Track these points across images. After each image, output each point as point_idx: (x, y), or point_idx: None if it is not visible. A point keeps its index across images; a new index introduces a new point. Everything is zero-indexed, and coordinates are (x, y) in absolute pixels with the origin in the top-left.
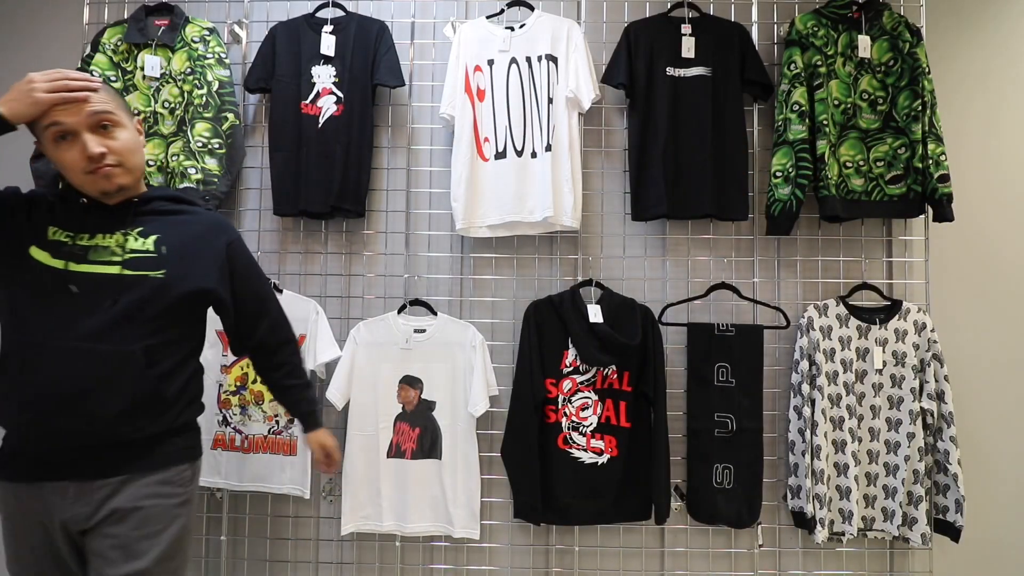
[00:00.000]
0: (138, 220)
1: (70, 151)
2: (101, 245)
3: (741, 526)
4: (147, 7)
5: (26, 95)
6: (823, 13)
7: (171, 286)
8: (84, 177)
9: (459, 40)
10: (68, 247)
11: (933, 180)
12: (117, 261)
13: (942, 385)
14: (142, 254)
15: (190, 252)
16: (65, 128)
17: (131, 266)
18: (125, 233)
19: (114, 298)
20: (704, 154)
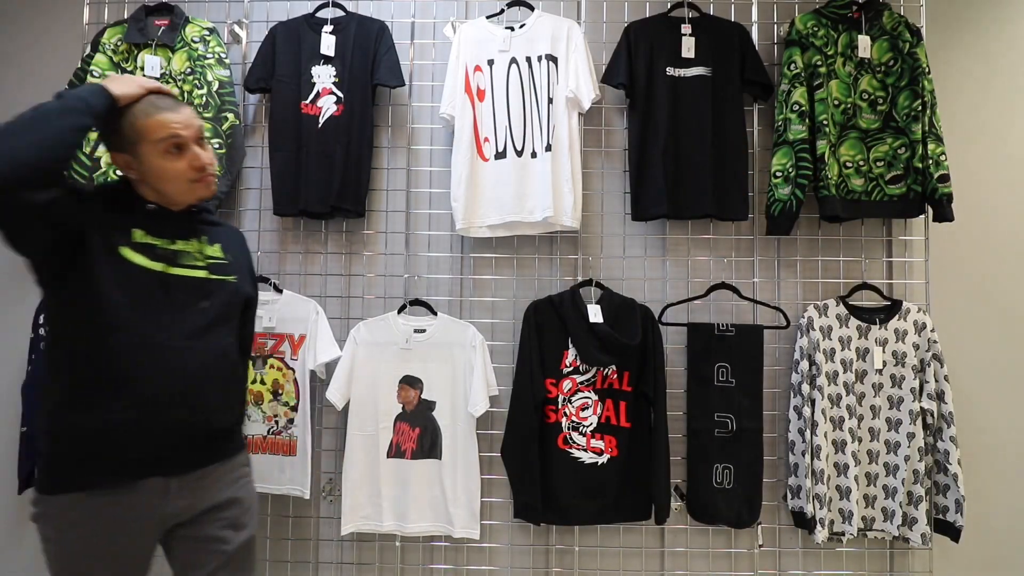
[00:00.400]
0: (199, 228)
1: (179, 161)
2: (185, 250)
3: (741, 526)
4: (147, 7)
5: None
6: (823, 13)
7: (239, 291)
8: (187, 185)
9: (459, 40)
10: (160, 251)
11: (933, 180)
12: (202, 266)
13: (942, 385)
14: (218, 260)
15: (240, 259)
16: (182, 140)
17: (213, 271)
18: (199, 240)
19: (205, 300)
20: (704, 154)
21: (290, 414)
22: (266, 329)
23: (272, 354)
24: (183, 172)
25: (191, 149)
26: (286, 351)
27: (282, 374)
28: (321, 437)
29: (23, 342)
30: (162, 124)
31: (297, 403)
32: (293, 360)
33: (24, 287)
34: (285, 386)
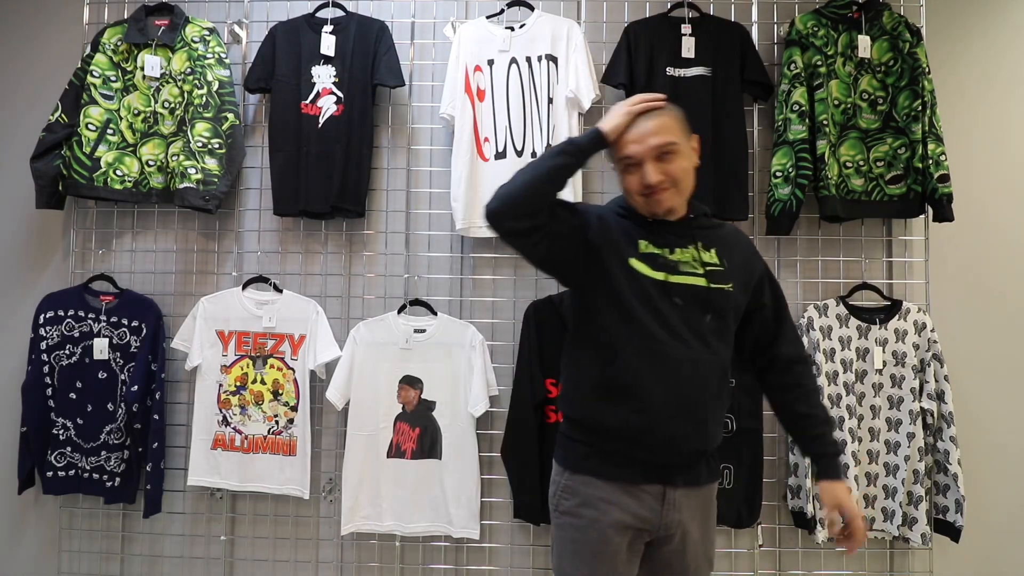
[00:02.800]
0: (697, 234)
1: (633, 176)
2: (683, 259)
3: (741, 526)
4: (147, 7)
5: (616, 113)
6: (823, 13)
7: (736, 297)
8: (638, 199)
9: (459, 40)
10: (662, 260)
11: (933, 180)
12: (700, 273)
13: (942, 385)
14: (715, 267)
15: (740, 264)
16: (633, 161)
17: (711, 279)
18: (695, 247)
19: (705, 309)
20: (704, 154)
21: (290, 414)
22: (266, 329)
23: (272, 354)
24: (635, 186)
25: (644, 167)
26: (286, 351)
27: (282, 374)
28: (321, 437)
29: (23, 342)
30: (622, 143)
31: (297, 403)
32: (293, 360)
33: (24, 287)
34: (285, 386)
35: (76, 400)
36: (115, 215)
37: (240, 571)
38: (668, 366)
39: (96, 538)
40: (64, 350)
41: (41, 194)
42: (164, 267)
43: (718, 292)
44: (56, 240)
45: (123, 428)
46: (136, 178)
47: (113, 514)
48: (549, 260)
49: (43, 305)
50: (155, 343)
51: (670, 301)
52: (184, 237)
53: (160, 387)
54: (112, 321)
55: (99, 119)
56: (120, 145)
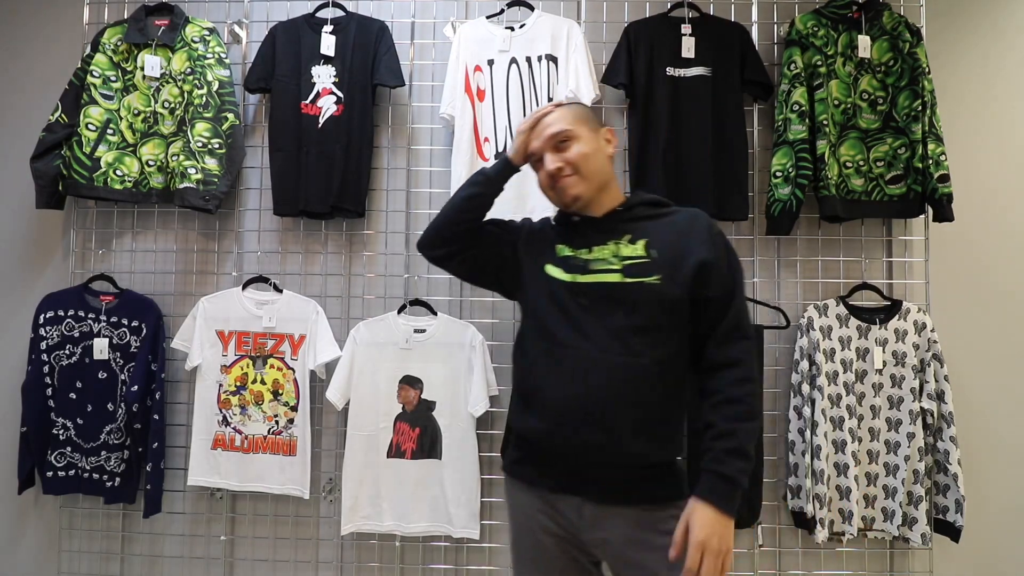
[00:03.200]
0: (625, 227)
1: (540, 173)
2: (598, 257)
3: (741, 526)
4: (147, 7)
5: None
6: (823, 13)
7: (666, 290)
8: (550, 193)
9: (459, 40)
10: (575, 261)
11: (933, 180)
12: (616, 269)
13: (942, 385)
14: (637, 260)
15: (679, 251)
16: (537, 157)
17: (629, 273)
18: (616, 241)
19: (618, 306)
20: (704, 154)
21: (290, 414)
22: (266, 329)
23: (272, 354)
24: (543, 181)
25: (545, 158)
26: (286, 351)
27: (282, 374)
28: (321, 437)
29: (23, 342)
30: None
31: (297, 403)
32: (293, 360)
33: (24, 287)
34: (285, 386)
35: (76, 400)
36: (115, 215)
37: (240, 571)
38: (573, 370)
39: (96, 538)
40: (64, 350)
41: (41, 194)
42: (164, 267)
43: (637, 287)
44: (56, 240)
45: (123, 428)
46: (136, 178)
47: (113, 514)
48: (474, 278)
49: (43, 305)
50: (155, 343)
51: (577, 303)
52: (184, 237)
53: (160, 387)
54: (112, 321)
55: (99, 119)
56: (120, 145)
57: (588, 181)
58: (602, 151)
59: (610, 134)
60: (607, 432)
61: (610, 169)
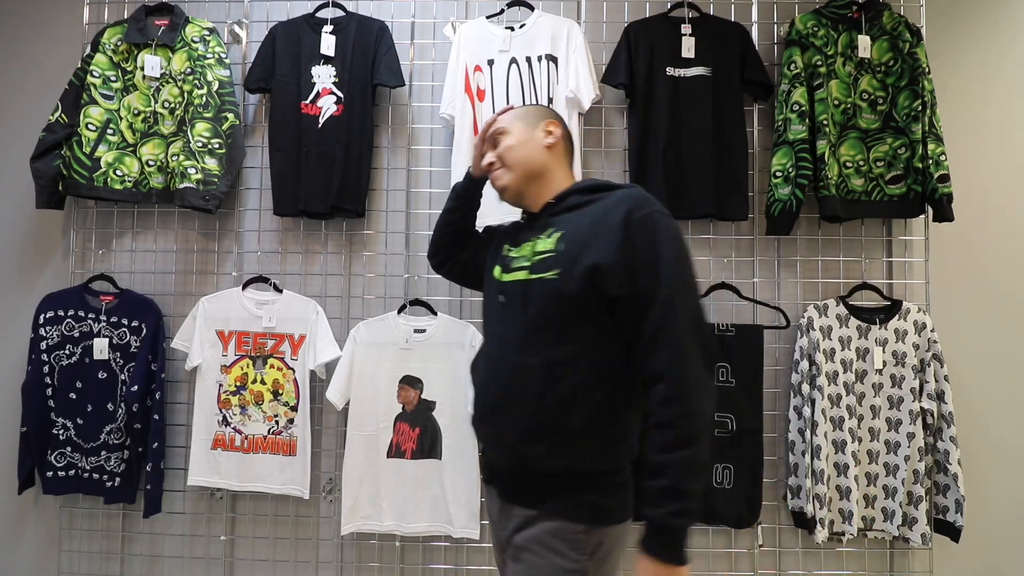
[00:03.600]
0: (551, 220)
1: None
2: (520, 255)
3: (741, 526)
4: (147, 7)
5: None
6: (823, 13)
7: (563, 286)
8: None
9: (459, 40)
10: (506, 259)
11: (933, 180)
12: (526, 266)
13: (942, 385)
14: (546, 254)
15: (585, 242)
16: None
17: (535, 269)
18: (538, 237)
19: (525, 305)
20: (704, 154)
21: (290, 414)
22: (266, 329)
23: (272, 354)
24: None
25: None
26: (286, 351)
27: (282, 374)
28: (321, 437)
29: (23, 342)
30: None
31: (297, 403)
32: (293, 360)
33: (24, 287)
34: (285, 386)
35: (76, 400)
36: (115, 215)
37: (240, 571)
38: (486, 369)
39: (96, 538)
40: (64, 350)
41: (41, 194)
42: (164, 267)
43: (537, 283)
44: (56, 240)
45: (123, 428)
46: (136, 178)
47: (113, 514)
48: (464, 282)
49: (43, 305)
50: (155, 343)
51: (498, 301)
52: (184, 237)
53: (160, 387)
54: (112, 321)
55: (99, 119)
56: (120, 145)
57: (512, 171)
58: (533, 141)
59: (552, 125)
60: (500, 432)
61: (544, 159)
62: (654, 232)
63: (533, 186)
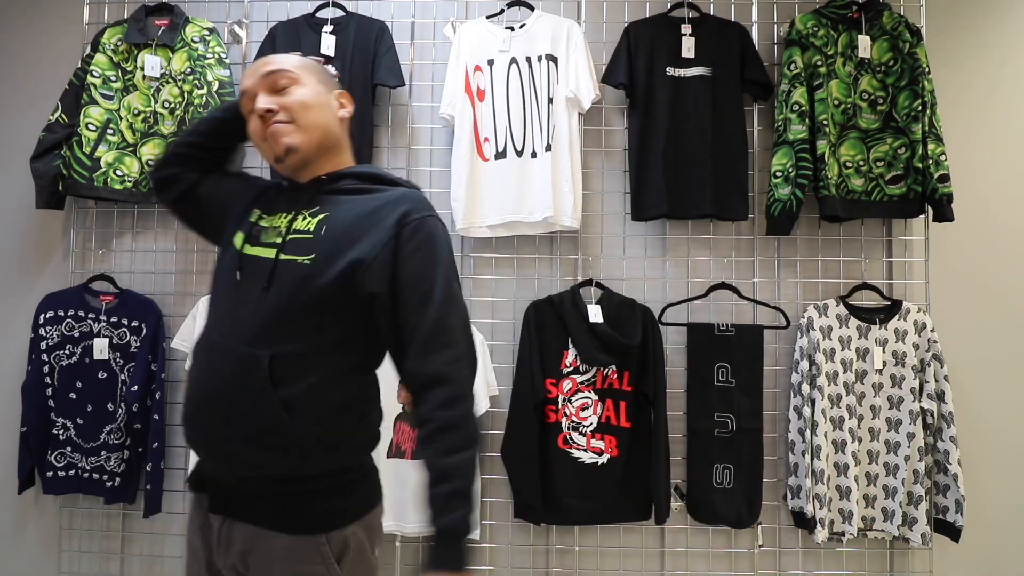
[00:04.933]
0: (318, 199)
1: (251, 118)
2: (271, 226)
3: (741, 526)
4: (147, 7)
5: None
6: (823, 13)
7: (316, 274)
8: (262, 145)
9: (459, 40)
10: (254, 228)
11: (933, 180)
12: (276, 244)
13: (942, 385)
14: (301, 235)
15: (351, 233)
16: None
17: (286, 249)
18: (298, 212)
19: (266, 288)
20: (704, 154)
21: None
22: None
23: None
24: (255, 131)
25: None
26: None
27: None
28: None
29: (23, 342)
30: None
31: None
32: None
33: (24, 287)
34: None
35: (76, 400)
36: (115, 215)
37: None
38: (212, 361)
39: (96, 538)
40: (64, 350)
41: (41, 194)
42: (164, 267)
43: (286, 265)
44: (56, 240)
45: (123, 428)
46: (136, 178)
47: (113, 514)
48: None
49: (43, 305)
50: (155, 343)
51: (234, 278)
52: (184, 237)
53: (160, 387)
54: (112, 321)
55: (99, 119)
56: (120, 145)
57: (306, 133)
58: (331, 108)
59: (345, 99)
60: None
61: (340, 132)
62: (431, 236)
63: (322, 158)
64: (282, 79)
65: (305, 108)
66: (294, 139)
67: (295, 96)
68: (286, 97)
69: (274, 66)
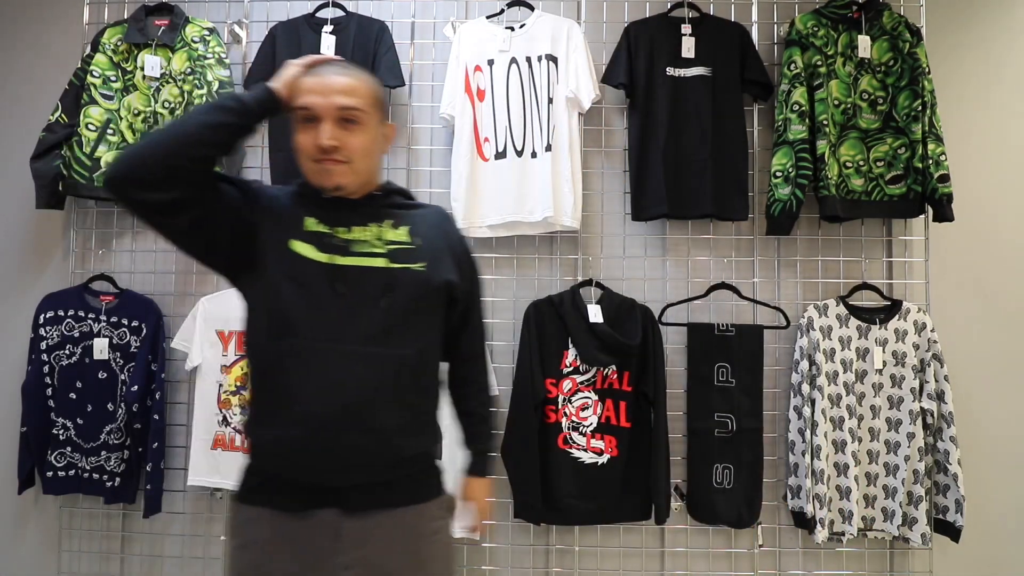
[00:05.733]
0: (384, 212)
1: (308, 134)
2: (360, 238)
3: (741, 526)
4: (147, 7)
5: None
6: (823, 13)
7: (429, 281)
8: (309, 165)
9: (459, 40)
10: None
11: (933, 180)
12: (381, 253)
13: (942, 385)
14: (402, 245)
15: (437, 245)
16: (311, 112)
17: (396, 258)
18: (378, 224)
19: (382, 294)
20: (704, 154)
21: None
22: None
23: None
24: (308, 148)
25: (321, 125)
26: None
27: None
28: None
29: (23, 342)
30: (301, 92)
31: None
32: None
33: (24, 287)
34: None
35: (76, 400)
36: (115, 215)
37: None
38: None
39: (96, 538)
40: (64, 350)
41: (41, 194)
42: (164, 267)
43: (404, 272)
44: (56, 240)
45: (123, 428)
46: None
47: (113, 514)
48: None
49: (43, 305)
50: (155, 343)
51: (333, 288)
52: None
53: (160, 387)
54: (112, 321)
55: (99, 119)
56: (120, 145)
57: (357, 176)
58: (380, 148)
59: (391, 131)
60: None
61: (379, 165)
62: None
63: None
64: (352, 115)
65: (364, 155)
66: (345, 180)
67: (358, 141)
68: (350, 136)
69: (350, 101)
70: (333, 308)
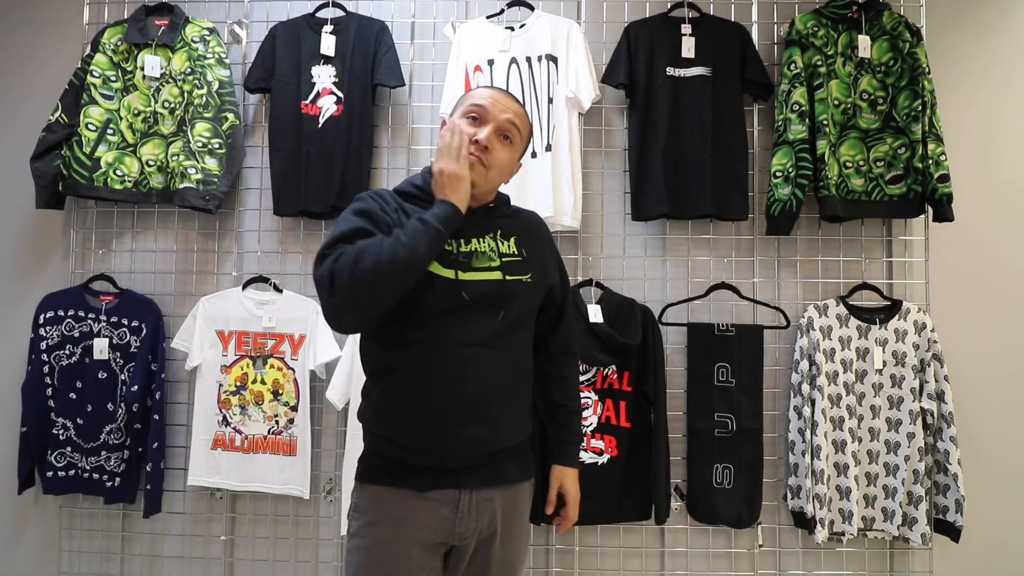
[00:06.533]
0: (494, 223)
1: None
2: (479, 251)
3: (741, 526)
4: (147, 7)
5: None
6: (823, 13)
7: (535, 290)
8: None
9: (459, 40)
10: (453, 255)
11: (933, 180)
12: (496, 266)
13: (942, 385)
14: (512, 257)
15: (539, 256)
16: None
17: (508, 270)
18: (492, 237)
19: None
20: (704, 154)
21: (290, 414)
22: (266, 329)
23: (272, 354)
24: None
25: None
26: (286, 351)
27: (282, 374)
28: (321, 437)
29: (23, 342)
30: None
31: (297, 403)
32: (293, 360)
33: (24, 287)
34: (285, 386)
35: (76, 400)
36: (115, 215)
37: (240, 571)
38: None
39: (96, 538)
40: (64, 350)
41: (41, 194)
42: (164, 267)
43: (515, 284)
44: (56, 240)
45: (123, 428)
46: (136, 178)
47: (113, 514)
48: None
49: (43, 305)
50: (155, 343)
51: (460, 299)
52: (184, 237)
53: (160, 387)
54: (112, 321)
55: (99, 119)
56: (120, 145)
57: (485, 182)
58: (510, 173)
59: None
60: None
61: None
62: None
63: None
64: (510, 132)
65: (499, 169)
66: (477, 178)
67: (501, 156)
68: (498, 148)
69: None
70: (458, 314)
